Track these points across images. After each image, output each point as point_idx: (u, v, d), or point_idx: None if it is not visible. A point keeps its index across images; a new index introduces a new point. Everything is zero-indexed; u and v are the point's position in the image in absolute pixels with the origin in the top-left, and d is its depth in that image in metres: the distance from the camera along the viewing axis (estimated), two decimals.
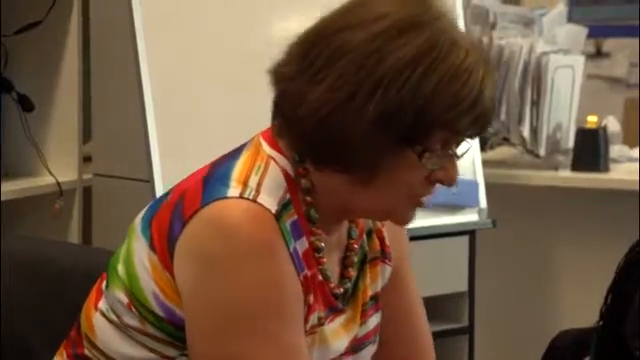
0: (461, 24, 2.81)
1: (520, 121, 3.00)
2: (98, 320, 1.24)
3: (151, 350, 1.20)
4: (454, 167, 1.19)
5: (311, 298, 1.20)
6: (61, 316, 1.43)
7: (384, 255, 1.33)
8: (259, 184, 1.17)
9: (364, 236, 1.31)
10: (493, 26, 3.10)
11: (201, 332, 1.15)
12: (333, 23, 1.19)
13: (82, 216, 2.61)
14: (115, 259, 1.25)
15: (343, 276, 1.28)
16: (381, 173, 1.16)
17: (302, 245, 1.20)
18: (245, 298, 1.13)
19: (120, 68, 2.46)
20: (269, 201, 1.17)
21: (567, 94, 3.08)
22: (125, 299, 1.21)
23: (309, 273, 1.20)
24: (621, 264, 1.77)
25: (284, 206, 1.18)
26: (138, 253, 1.21)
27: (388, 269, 1.34)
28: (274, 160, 1.20)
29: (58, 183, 2.56)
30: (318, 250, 1.22)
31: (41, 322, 1.45)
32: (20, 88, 2.60)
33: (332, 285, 1.25)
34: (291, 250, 1.17)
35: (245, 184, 1.17)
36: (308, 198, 1.21)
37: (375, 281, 1.32)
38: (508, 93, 3.02)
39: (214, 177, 1.20)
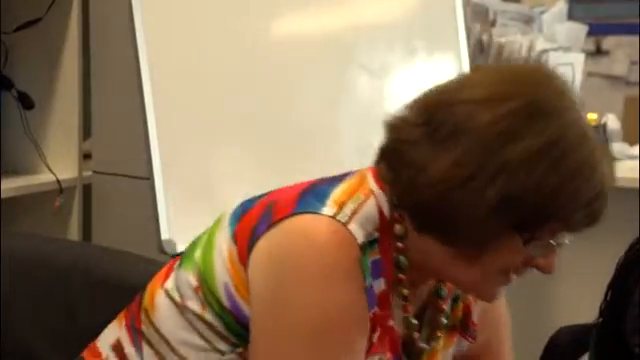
0: (461, 22, 2.81)
1: None
2: (160, 298, 1.24)
3: (204, 339, 1.20)
4: (555, 256, 1.18)
5: (375, 337, 1.19)
6: (61, 312, 1.43)
7: (465, 329, 1.32)
8: (353, 213, 1.16)
9: (449, 300, 1.30)
10: (493, 24, 3.10)
11: (264, 335, 1.15)
12: (457, 91, 1.15)
13: (82, 213, 2.62)
14: (194, 244, 1.26)
15: (428, 336, 1.27)
16: (484, 253, 1.14)
17: (379, 285, 1.18)
18: (315, 314, 1.13)
19: (120, 65, 2.46)
20: (358, 232, 1.16)
21: None
22: (195, 282, 1.20)
23: (380, 313, 1.19)
24: (621, 261, 1.77)
25: (370, 243, 1.17)
26: (219, 242, 1.21)
27: (466, 344, 1.32)
28: (374, 196, 1.19)
29: (58, 180, 2.56)
30: (404, 298, 1.22)
31: (41, 319, 1.45)
32: (20, 86, 2.60)
33: (417, 336, 1.24)
34: (367, 285, 1.16)
35: (341, 208, 1.16)
36: (399, 244, 1.19)
37: (447, 348, 1.31)
38: None
39: (311, 193, 1.19)
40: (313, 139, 2.52)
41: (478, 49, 3.07)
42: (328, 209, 1.16)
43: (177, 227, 2.23)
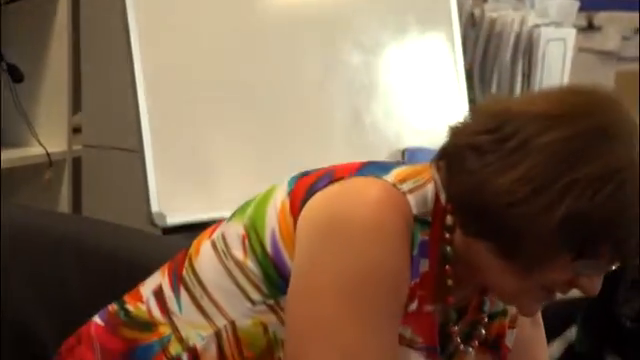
0: None
1: (511, 94, 3.00)
2: (206, 246, 1.26)
3: (240, 287, 1.21)
4: (599, 279, 1.17)
5: (411, 307, 1.18)
6: (54, 282, 1.44)
7: (495, 350, 1.31)
8: (412, 190, 1.17)
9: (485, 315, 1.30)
10: None
11: (304, 287, 1.16)
12: (528, 104, 1.16)
13: (72, 186, 2.62)
14: (248, 202, 1.27)
15: (463, 340, 1.27)
16: (535, 270, 1.14)
17: (424, 265, 1.18)
18: (360, 268, 1.13)
19: (110, 39, 2.45)
20: (413, 205, 1.17)
21: (558, 67, 3.08)
22: (242, 231, 1.23)
23: (420, 290, 1.18)
24: None
25: (422, 222, 1.17)
26: (274, 198, 1.22)
27: None
28: (435, 183, 1.19)
29: (48, 154, 2.56)
30: (448, 289, 1.21)
31: (36, 288, 1.45)
32: (10, 58, 2.59)
33: (455, 330, 1.24)
34: (413, 255, 1.17)
35: (401, 181, 1.17)
36: (447, 235, 1.19)
37: None
38: (499, 66, 3.02)
39: (374, 165, 1.22)
40: (305, 112, 2.52)
41: (470, 23, 3.06)
42: (389, 177, 1.18)
43: (167, 200, 2.23)
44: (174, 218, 2.23)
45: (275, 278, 1.20)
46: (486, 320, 1.28)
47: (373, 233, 1.13)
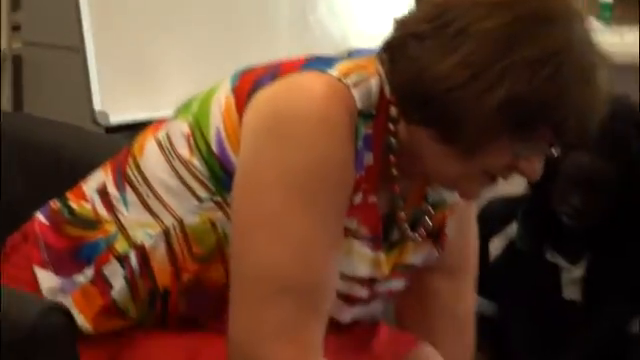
0: None
1: None
2: (150, 144, 1.27)
3: (185, 184, 1.22)
4: (539, 163, 1.19)
5: (355, 199, 1.20)
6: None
7: (436, 239, 1.33)
8: (357, 83, 1.18)
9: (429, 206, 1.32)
10: None
11: (248, 183, 1.16)
12: None
13: (13, 85, 2.58)
14: (191, 99, 1.27)
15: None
16: (476, 153, 1.16)
17: (368, 158, 1.20)
18: (306, 161, 1.14)
19: None
20: (358, 99, 1.18)
21: None
22: (187, 130, 1.23)
23: (364, 182, 1.20)
24: None
25: (365, 116, 1.18)
26: (218, 95, 1.23)
27: (435, 255, 1.34)
28: (379, 76, 1.20)
29: None
30: (393, 178, 1.23)
31: None
32: None
33: (403, 216, 1.26)
34: (358, 148, 1.18)
35: (346, 75, 1.18)
36: (391, 126, 1.21)
37: (418, 252, 1.32)
38: None
39: (318, 60, 1.22)
40: (248, 9, 2.50)
41: None
42: (334, 72, 1.18)
43: (110, 99, 2.21)
44: (117, 117, 2.22)
45: (221, 175, 1.20)
46: (432, 211, 1.31)
47: (318, 127, 1.15)
